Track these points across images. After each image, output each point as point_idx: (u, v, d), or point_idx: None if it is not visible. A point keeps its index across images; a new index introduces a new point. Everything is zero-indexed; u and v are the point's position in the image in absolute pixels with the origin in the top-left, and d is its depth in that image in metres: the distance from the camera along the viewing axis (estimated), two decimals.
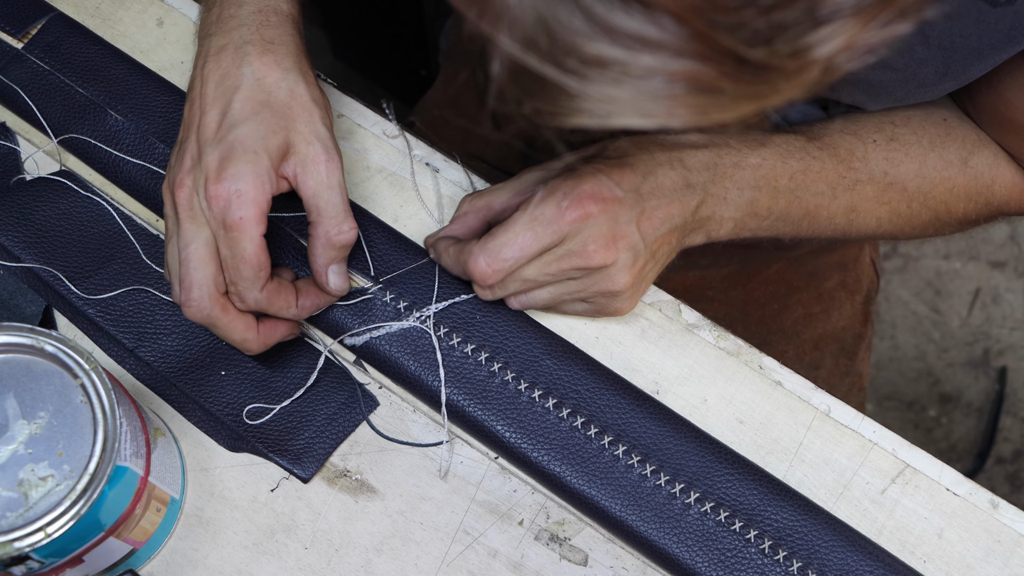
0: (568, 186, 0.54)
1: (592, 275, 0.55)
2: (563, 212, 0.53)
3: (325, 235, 0.55)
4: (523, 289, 0.57)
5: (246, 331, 0.54)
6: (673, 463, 0.57)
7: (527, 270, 0.55)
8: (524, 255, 0.54)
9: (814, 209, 0.61)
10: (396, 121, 0.66)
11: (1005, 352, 1.64)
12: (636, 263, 0.55)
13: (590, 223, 0.53)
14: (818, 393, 0.60)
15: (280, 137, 0.53)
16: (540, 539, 0.57)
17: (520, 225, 0.54)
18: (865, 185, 0.61)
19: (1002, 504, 0.57)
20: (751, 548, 0.55)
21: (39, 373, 0.49)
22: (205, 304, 0.52)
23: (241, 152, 0.52)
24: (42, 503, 0.46)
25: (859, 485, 0.58)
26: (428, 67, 1.48)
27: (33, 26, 0.69)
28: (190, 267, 0.52)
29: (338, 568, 0.56)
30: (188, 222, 0.53)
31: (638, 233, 0.55)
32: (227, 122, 0.53)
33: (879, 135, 0.62)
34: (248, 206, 0.51)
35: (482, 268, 0.54)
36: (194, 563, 0.56)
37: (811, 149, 0.60)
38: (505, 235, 0.54)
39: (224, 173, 0.52)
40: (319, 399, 0.59)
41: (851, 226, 0.63)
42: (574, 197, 0.53)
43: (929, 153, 0.63)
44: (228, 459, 0.58)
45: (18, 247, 0.62)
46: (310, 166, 0.54)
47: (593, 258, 0.54)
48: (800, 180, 0.59)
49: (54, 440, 0.47)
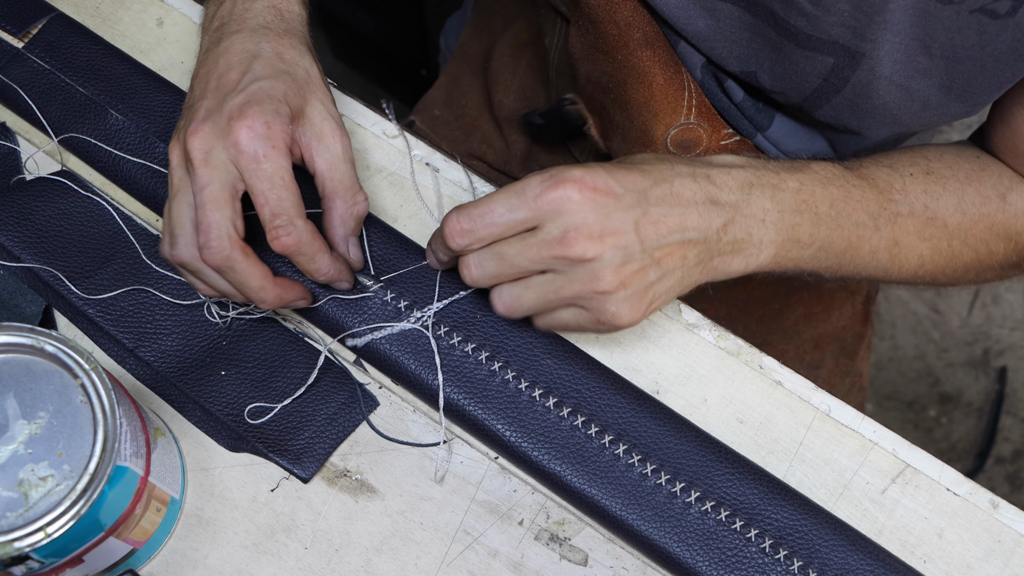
0: (557, 169, 0.52)
1: (575, 268, 0.52)
2: (543, 190, 0.51)
3: (344, 208, 0.55)
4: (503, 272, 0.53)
5: (263, 279, 0.53)
6: (673, 462, 0.57)
7: (506, 247, 0.52)
8: (495, 220, 0.52)
9: (856, 241, 0.58)
10: (396, 121, 0.66)
11: (1005, 352, 1.64)
12: (627, 264, 0.52)
13: (572, 209, 0.51)
14: (818, 393, 0.60)
15: (298, 102, 0.54)
16: (540, 539, 0.57)
17: (500, 193, 0.52)
18: (906, 219, 0.59)
19: (1002, 504, 0.57)
20: (751, 547, 0.55)
21: (39, 373, 0.49)
22: (225, 245, 0.51)
23: (265, 98, 0.52)
24: (42, 503, 0.46)
25: (859, 485, 0.58)
26: (428, 67, 1.48)
27: (34, 26, 0.69)
28: (207, 209, 0.51)
29: (338, 568, 0.56)
30: (203, 167, 0.51)
31: (635, 235, 0.52)
32: (248, 78, 0.54)
33: (915, 168, 0.60)
34: (278, 137, 0.52)
35: (452, 224, 0.52)
36: (194, 563, 0.56)
37: (850, 178, 0.58)
38: (484, 199, 0.53)
39: (249, 110, 0.52)
40: (319, 399, 0.59)
41: (893, 263, 0.60)
42: (558, 178, 0.51)
43: (966, 188, 0.61)
44: (228, 459, 0.58)
45: (18, 247, 0.62)
46: (327, 139, 0.54)
47: (573, 247, 0.51)
48: (841, 207, 0.57)
49: (54, 440, 0.47)
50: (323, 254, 0.55)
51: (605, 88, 0.68)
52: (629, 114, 0.67)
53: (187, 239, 0.53)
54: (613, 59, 0.64)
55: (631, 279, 0.52)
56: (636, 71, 0.64)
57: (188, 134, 0.52)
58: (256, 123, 0.51)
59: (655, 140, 0.67)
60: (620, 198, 0.52)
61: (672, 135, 0.66)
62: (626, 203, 0.52)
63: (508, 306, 0.54)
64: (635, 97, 0.65)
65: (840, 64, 0.57)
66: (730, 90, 0.66)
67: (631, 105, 0.66)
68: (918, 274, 0.61)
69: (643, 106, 0.66)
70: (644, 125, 0.67)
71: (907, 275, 0.61)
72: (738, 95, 0.66)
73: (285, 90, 0.54)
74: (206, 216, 0.51)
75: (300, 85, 0.55)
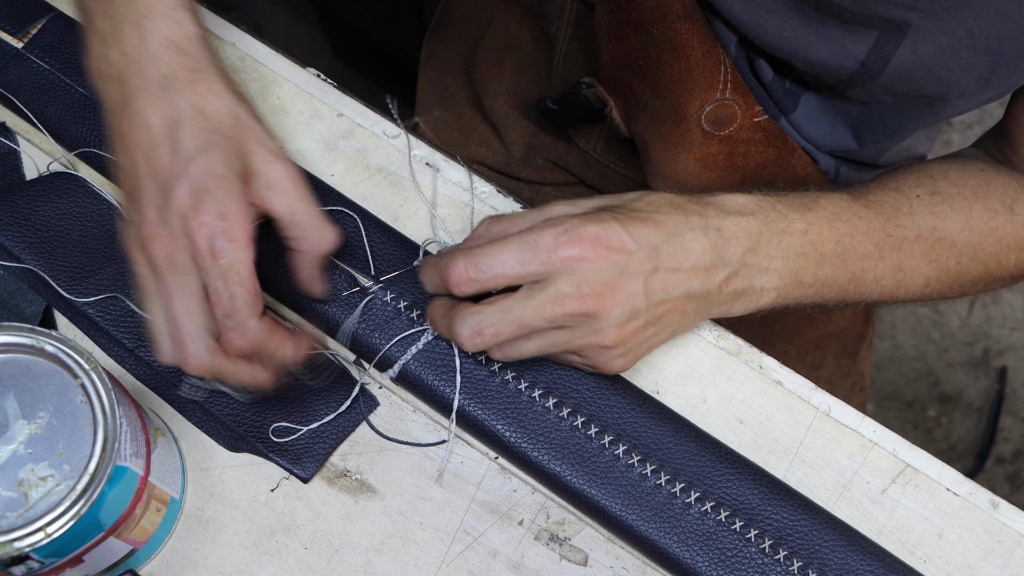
0: (573, 223, 0.51)
1: (584, 324, 0.52)
2: (558, 246, 0.51)
3: (313, 248, 0.53)
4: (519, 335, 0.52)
5: (254, 370, 0.51)
6: (673, 462, 0.57)
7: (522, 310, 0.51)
8: (505, 272, 0.51)
9: (860, 272, 0.58)
10: (400, 119, 0.66)
11: (1005, 352, 1.64)
12: (631, 322, 0.52)
13: (585, 266, 0.51)
14: (818, 393, 0.60)
15: (239, 163, 0.51)
16: (540, 539, 0.57)
17: (511, 243, 0.51)
18: (913, 243, 0.59)
19: (1002, 504, 0.57)
20: (751, 547, 0.55)
21: (39, 373, 0.48)
22: (205, 355, 0.49)
23: (212, 180, 0.49)
24: (42, 503, 0.46)
25: (859, 485, 0.58)
26: None
27: (33, 26, 0.69)
28: (179, 321, 0.49)
29: (338, 568, 0.56)
30: (168, 273, 0.49)
31: (643, 290, 0.52)
32: (183, 158, 0.50)
33: (921, 189, 0.60)
34: (236, 228, 0.49)
35: (459, 270, 0.51)
36: (194, 563, 0.56)
37: (857, 209, 0.58)
38: (492, 247, 0.52)
39: (202, 205, 0.49)
40: (319, 399, 0.59)
41: (899, 287, 0.60)
42: (574, 235, 0.51)
43: (974, 204, 0.61)
44: (228, 459, 0.58)
45: (18, 247, 0.62)
46: (280, 186, 0.52)
47: (586, 302, 0.51)
48: (847, 244, 0.57)
49: (54, 440, 0.47)
50: (283, 346, 0.52)
51: (633, 66, 0.66)
52: (660, 91, 0.66)
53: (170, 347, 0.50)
54: (647, 34, 0.63)
55: (631, 336, 0.53)
56: (673, 44, 0.63)
57: (147, 239, 0.50)
58: (210, 219, 0.48)
59: (688, 117, 0.66)
60: (633, 255, 0.52)
61: (707, 111, 0.65)
62: (638, 260, 0.52)
63: (507, 356, 0.54)
64: (669, 73, 0.64)
65: (883, 40, 0.56)
66: (760, 70, 0.65)
67: (664, 81, 0.65)
68: (924, 294, 0.62)
69: (678, 82, 0.64)
70: (677, 102, 0.65)
71: (913, 296, 0.62)
72: (767, 75, 0.65)
73: (223, 159, 0.50)
74: (180, 329, 0.49)
75: (234, 140, 0.51)
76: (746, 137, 0.67)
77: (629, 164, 0.80)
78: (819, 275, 0.57)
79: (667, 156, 0.69)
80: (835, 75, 0.60)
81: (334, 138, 0.66)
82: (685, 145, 0.67)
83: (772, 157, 0.68)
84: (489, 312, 0.52)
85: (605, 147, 0.80)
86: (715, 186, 0.69)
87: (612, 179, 0.82)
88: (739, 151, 0.68)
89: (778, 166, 0.69)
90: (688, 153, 0.68)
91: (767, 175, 0.70)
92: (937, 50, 0.55)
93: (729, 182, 0.70)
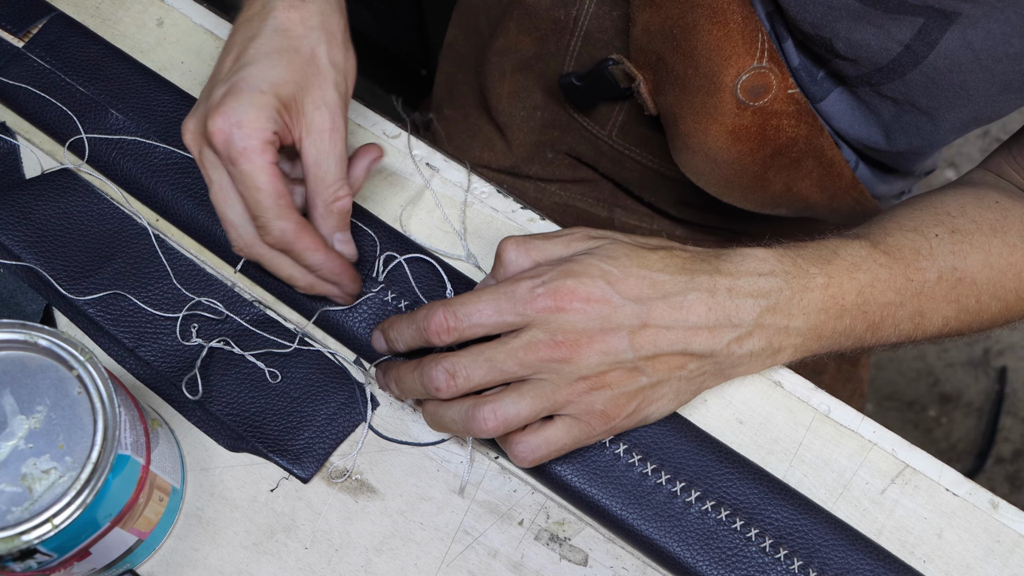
0: (554, 274, 0.51)
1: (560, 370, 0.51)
2: (534, 298, 0.50)
3: (324, 204, 0.55)
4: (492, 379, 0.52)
5: (292, 267, 0.55)
6: (673, 462, 0.57)
7: (494, 352, 0.51)
8: (482, 322, 0.51)
9: (880, 320, 0.57)
10: (408, 120, 0.66)
11: (1005, 352, 1.64)
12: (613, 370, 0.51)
13: (562, 316, 0.50)
14: (818, 393, 0.60)
15: (290, 88, 0.53)
16: (540, 539, 0.57)
17: (489, 293, 0.52)
18: (934, 286, 0.58)
19: (1002, 504, 0.57)
20: (751, 547, 0.55)
21: (34, 368, 0.49)
22: (243, 241, 0.54)
23: (245, 88, 0.51)
24: (47, 496, 0.46)
25: (859, 485, 0.58)
26: (428, 67, 1.48)
27: (34, 25, 0.69)
28: (219, 208, 0.54)
29: (338, 568, 0.56)
30: (202, 165, 0.53)
31: (628, 343, 0.51)
32: (239, 63, 0.53)
33: (939, 228, 0.59)
34: (249, 136, 0.51)
35: (439, 319, 0.51)
36: (194, 563, 0.56)
37: (877, 256, 0.56)
38: (470, 296, 0.52)
39: (224, 107, 0.51)
40: (319, 399, 0.59)
41: (916, 329, 0.59)
42: (550, 287, 0.51)
43: (992, 240, 0.59)
44: (228, 459, 0.58)
45: (18, 246, 0.62)
46: (315, 132, 0.53)
47: (559, 349, 0.50)
48: (868, 294, 0.56)
49: (54, 433, 0.48)
50: (314, 251, 0.54)
51: (668, 35, 0.66)
52: (695, 60, 0.65)
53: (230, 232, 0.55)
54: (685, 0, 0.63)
55: (617, 382, 0.52)
56: (712, 9, 0.62)
57: (183, 131, 0.54)
58: (225, 123, 0.51)
59: (723, 87, 0.65)
60: (618, 308, 0.51)
61: (744, 80, 0.64)
62: (624, 313, 0.51)
63: (506, 421, 0.52)
64: (706, 40, 0.63)
65: (929, 26, 0.55)
66: (787, 52, 0.64)
67: (700, 49, 0.64)
68: (943, 333, 0.60)
69: (715, 49, 0.64)
70: (712, 71, 0.64)
71: (930, 336, 0.60)
72: (794, 60, 0.64)
73: (276, 77, 0.52)
74: (222, 215, 0.54)
75: (299, 67, 0.53)
76: (779, 109, 0.66)
77: (644, 149, 0.80)
78: (838, 328, 0.56)
79: (697, 128, 0.68)
80: (876, 59, 0.58)
81: None
82: (717, 116, 0.66)
83: (803, 133, 0.67)
84: (462, 354, 0.52)
85: (620, 132, 0.79)
86: (745, 160, 0.68)
87: (626, 166, 0.82)
88: (771, 123, 0.66)
89: (808, 143, 0.68)
90: (720, 125, 0.67)
91: (797, 152, 0.69)
92: (987, 36, 0.54)
93: (760, 156, 0.68)
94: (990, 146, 1.77)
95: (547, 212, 0.79)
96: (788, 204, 0.75)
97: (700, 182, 0.73)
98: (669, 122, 0.71)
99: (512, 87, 0.82)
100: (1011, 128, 1.76)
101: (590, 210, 0.87)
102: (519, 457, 0.53)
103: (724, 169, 0.70)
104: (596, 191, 0.86)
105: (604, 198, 0.86)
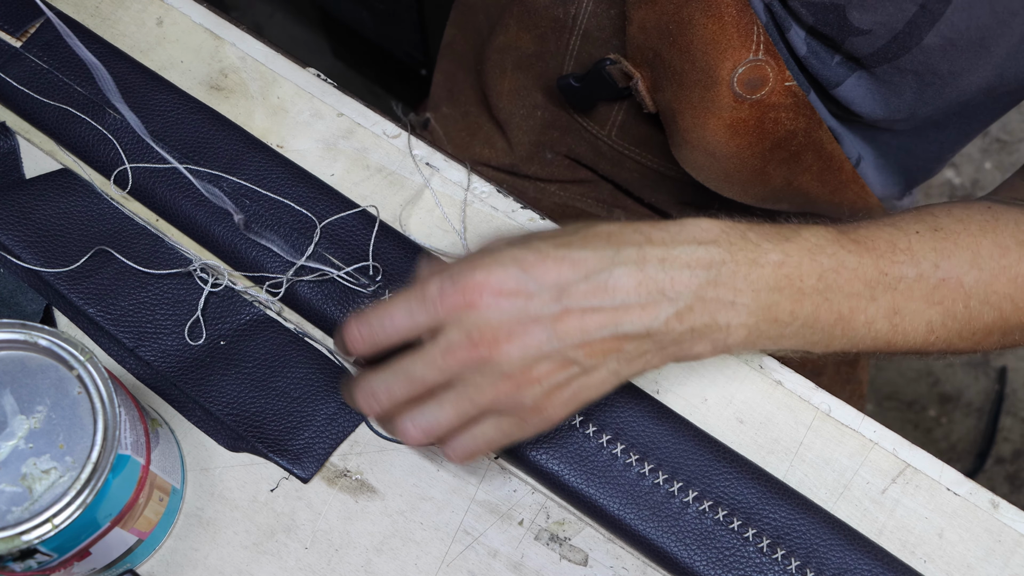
0: (459, 268, 0.48)
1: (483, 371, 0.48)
2: (443, 296, 0.48)
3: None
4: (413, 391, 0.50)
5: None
6: (672, 462, 0.57)
7: (410, 364, 0.49)
8: (395, 325, 0.49)
9: (849, 313, 0.52)
10: (408, 121, 0.66)
11: (1005, 352, 1.64)
12: (539, 364, 0.48)
13: (475, 313, 0.47)
14: (818, 393, 0.60)
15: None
16: (540, 539, 0.57)
17: (398, 297, 0.49)
18: (912, 283, 0.53)
19: (1002, 504, 0.57)
20: (749, 547, 0.55)
21: (34, 368, 0.49)
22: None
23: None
24: (47, 495, 0.46)
25: (859, 485, 0.58)
26: (428, 67, 1.48)
27: (31, 25, 0.69)
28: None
29: (338, 568, 0.56)
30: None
31: (550, 334, 0.48)
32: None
33: (921, 225, 0.55)
34: None
35: (351, 332, 0.50)
36: (194, 563, 0.56)
37: (845, 243, 0.52)
38: (382, 303, 0.50)
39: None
40: (319, 399, 0.59)
41: (895, 332, 0.54)
42: (459, 283, 0.47)
43: (981, 240, 0.55)
44: (228, 459, 0.58)
45: (18, 245, 0.62)
46: None
47: (477, 349, 0.47)
48: (831, 280, 0.51)
49: (54, 433, 0.48)
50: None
51: (664, 31, 0.65)
52: (692, 55, 0.64)
53: None
54: None
55: (546, 377, 0.49)
56: (706, 3, 0.62)
57: None
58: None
59: (719, 81, 0.64)
60: (533, 297, 0.48)
61: (740, 73, 0.63)
62: (540, 302, 0.48)
63: (427, 430, 0.50)
64: (701, 34, 0.63)
65: None
66: (793, 41, 0.63)
67: (695, 44, 0.63)
68: (929, 341, 0.55)
69: (710, 43, 0.63)
70: (709, 65, 0.64)
71: (915, 345, 0.55)
72: (801, 49, 0.63)
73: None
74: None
75: None
76: (777, 102, 0.65)
77: (644, 149, 0.80)
78: (797, 313, 0.51)
79: (695, 123, 0.67)
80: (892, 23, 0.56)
81: (334, 138, 0.66)
82: (715, 111, 0.65)
83: (802, 126, 0.66)
84: (379, 372, 0.50)
85: (620, 132, 0.80)
86: (744, 153, 0.68)
87: (626, 166, 0.82)
88: (769, 116, 0.65)
89: (807, 136, 0.67)
90: (717, 119, 0.66)
91: (796, 145, 0.68)
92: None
93: (758, 149, 0.67)
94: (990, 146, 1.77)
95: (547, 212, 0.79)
96: (789, 198, 0.75)
97: (700, 177, 0.73)
98: (668, 118, 0.71)
99: (512, 85, 0.82)
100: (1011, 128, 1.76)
101: (590, 211, 0.87)
102: (447, 456, 0.52)
103: (723, 163, 0.69)
104: (596, 192, 0.86)
105: (604, 199, 0.86)
